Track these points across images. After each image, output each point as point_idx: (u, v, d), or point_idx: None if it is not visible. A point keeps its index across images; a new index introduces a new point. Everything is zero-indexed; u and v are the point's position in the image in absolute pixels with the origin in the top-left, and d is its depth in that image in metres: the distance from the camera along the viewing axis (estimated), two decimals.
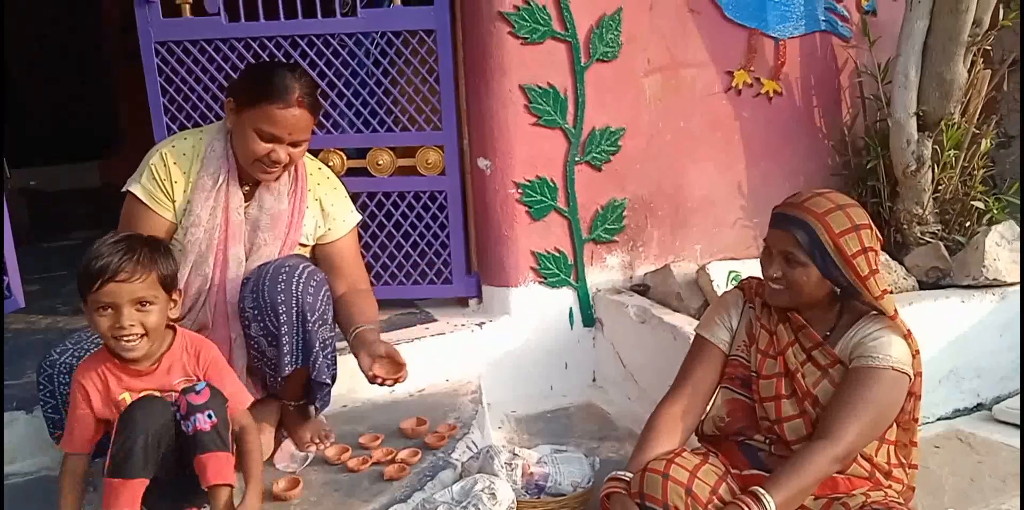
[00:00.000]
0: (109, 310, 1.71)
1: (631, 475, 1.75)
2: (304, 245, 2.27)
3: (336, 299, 2.21)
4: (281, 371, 2.10)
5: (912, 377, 1.81)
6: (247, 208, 2.18)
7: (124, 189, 2.16)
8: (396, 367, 2.02)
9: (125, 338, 1.72)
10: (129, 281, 1.70)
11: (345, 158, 2.91)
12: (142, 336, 1.74)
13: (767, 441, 1.89)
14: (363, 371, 2.02)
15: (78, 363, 1.90)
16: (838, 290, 1.86)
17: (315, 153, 2.50)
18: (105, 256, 1.70)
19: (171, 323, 1.86)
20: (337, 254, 2.29)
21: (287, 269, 2.09)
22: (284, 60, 2.78)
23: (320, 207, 2.26)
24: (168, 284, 1.78)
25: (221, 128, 2.19)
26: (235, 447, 1.83)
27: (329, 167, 2.65)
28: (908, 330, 1.83)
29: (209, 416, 1.72)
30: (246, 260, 2.18)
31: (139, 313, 1.72)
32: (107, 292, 1.69)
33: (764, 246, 1.90)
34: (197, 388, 1.75)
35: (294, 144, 2.09)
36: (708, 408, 1.98)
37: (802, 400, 1.83)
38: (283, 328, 2.06)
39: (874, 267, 1.79)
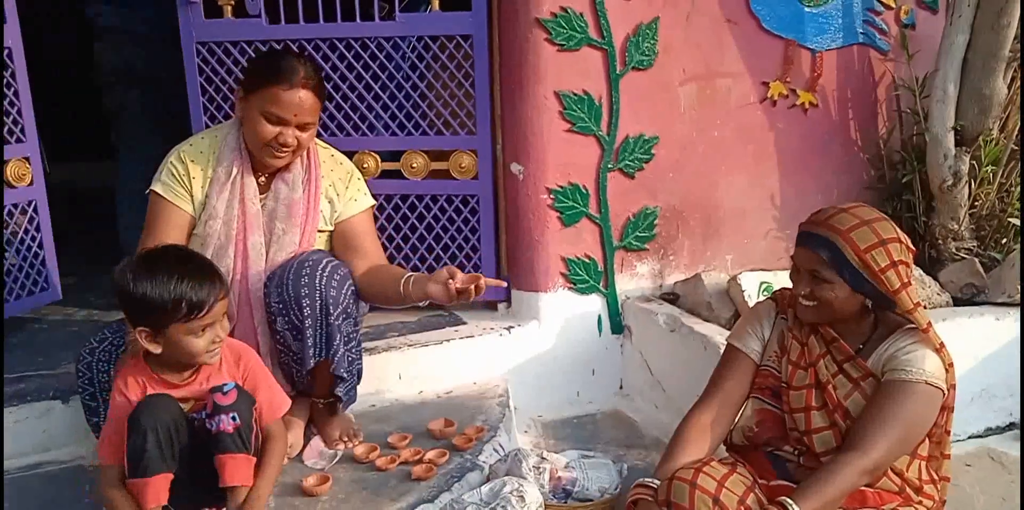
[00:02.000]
0: (206, 330, 1.77)
1: (658, 482, 1.75)
2: (323, 231, 2.32)
3: (361, 276, 2.25)
4: (306, 364, 2.13)
5: (946, 392, 1.80)
6: (263, 199, 2.25)
7: (148, 190, 2.23)
8: (471, 278, 2.03)
9: (217, 349, 1.82)
10: (224, 298, 1.80)
11: (379, 160, 2.94)
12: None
13: (796, 452, 1.88)
14: (440, 297, 2.03)
15: (118, 352, 1.93)
16: (870, 303, 1.85)
17: (350, 155, 2.53)
18: (198, 287, 1.74)
19: None
20: (351, 231, 2.33)
21: (311, 263, 2.13)
22: (322, 62, 2.82)
23: (335, 191, 2.32)
24: None
25: (235, 123, 2.27)
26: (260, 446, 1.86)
27: (363, 170, 2.69)
28: (941, 343, 1.81)
29: (234, 418, 1.75)
30: (267, 251, 2.23)
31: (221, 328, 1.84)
32: (212, 315, 1.76)
33: (792, 264, 1.89)
34: (225, 389, 1.77)
35: (301, 127, 2.16)
36: (737, 418, 1.98)
37: (832, 412, 1.82)
38: (307, 321, 2.09)
39: (905, 280, 1.77)
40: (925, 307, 2.79)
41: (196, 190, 2.21)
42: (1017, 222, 3.00)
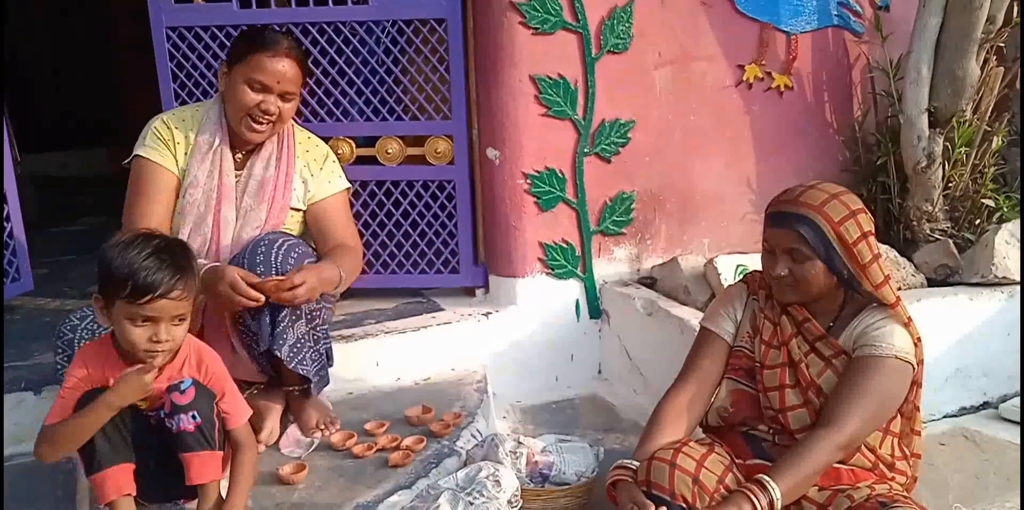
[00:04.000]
0: (147, 323, 1.69)
1: (638, 463, 1.75)
2: (297, 210, 2.33)
3: (325, 257, 2.25)
4: (262, 344, 2.11)
5: (915, 366, 1.82)
6: (239, 175, 2.28)
7: (131, 157, 2.25)
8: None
9: (158, 350, 1.71)
10: (177, 299, 1.69)
11: (354, 146, 2.91)
12: (169, 350, 1.74)
13: (771, 431, 1.89)
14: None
15: (100, 331, 1.90)
16: (841, 281, 1.86)
17: (325, 140, 2.51)
18: (154, 272, 1.66)
19: None
20: (322, 213, 2.34)
21: (266, 242, 2.14)
22: None
23: (309, 172, 2.34)
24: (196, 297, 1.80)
25: (217, 99, 2.30)
26: (228, 453, 1.83)
27: (338, 155, 2.66)
28: (909, 317, 1.84)
29: (193, 417, 1.71)
30: (235, 224, 2.24)
31: (174, 327, 1.72)
32: (153, 308, 1.67)
33: (765, 246, 1.88)
34: (182, 387, 1.73)
35: (283, 96, 2.20)
36: (713, 399, 1.98)
37: (806, 390, 1.84)
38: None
39: (876, 252, 1.80)
40: (899, 288, 2.82)
41: (179, 155, 2.25)
42: (990, 203, 3.02)
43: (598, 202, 2.94)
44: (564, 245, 2.92)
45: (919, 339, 1.83)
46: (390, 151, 2.91)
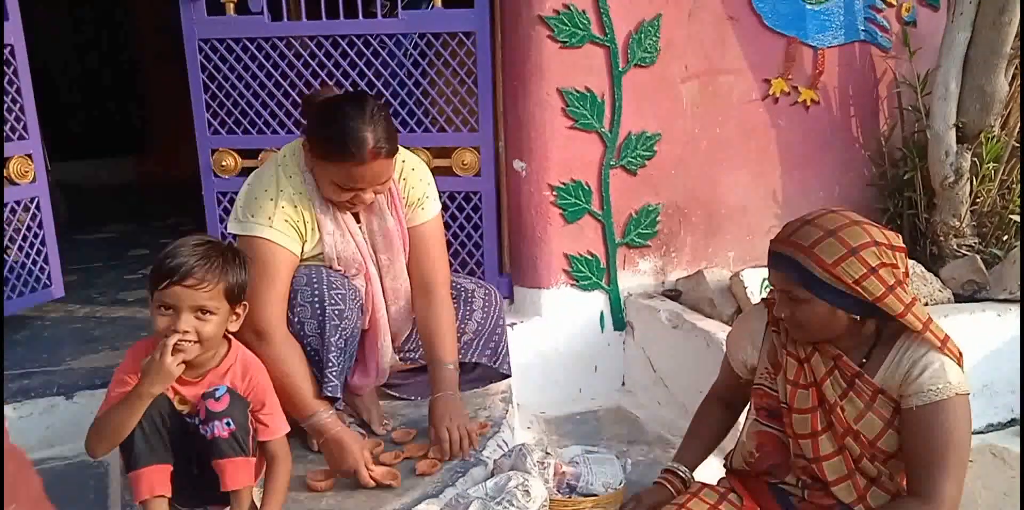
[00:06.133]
0: (170, 311, 1.68)
1: (685, 470, 1.83)
2: None
3: (419, 310, 2.29)
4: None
5: (969, 389, 1.66)
6: (361, 228, 2.20)
7: (243, 233, 2.09)
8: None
9: (184, 342, 1.68)
10: (195, 288, 1.67)
11: None
12: (195, 343, 1.70)
13: (800, 484, 1.77)
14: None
15: None
16: (858, 317, 1.67)
17: None
18: (180, 257, 1.67)
19: (230, 336, 1.83)
20: (417, 240, 2.27)
21: None
22: (324, 60, 2.82)
23: (407, 200, 2.24)
24: (234, 296, 1.75)
25: (303, 162, 2.13)
26: (262, 465, 1.84)
27: None
28: (944, 337, 1.66)
29: (228, 424, 1.71)
30: (381, 280, 2.24)
31: (197, 320, 1.69)
32: (170, 294, 1.66)
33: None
34: (217, 394, 1.73)
35: (377, 187, 2.08)
36: (739, 435, 1.92)
37: (842, 436, 1.68)
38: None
39: (890, 283, 1.61)
40: (917, 301, 2.80)
41: (308, 232, 2.12)
42: (1018, 219, 3.01)
43: (623, 214, 2.95)
44: (589, 257, 2.93)
45: (960, 355, 1.67)
46: None
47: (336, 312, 2.10)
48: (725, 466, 1.94)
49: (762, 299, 1.91)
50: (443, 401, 2.17)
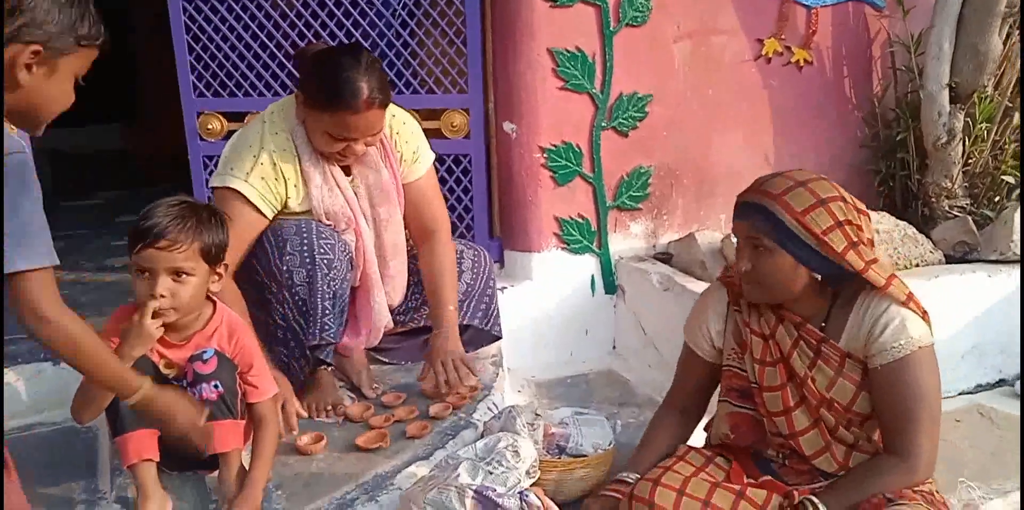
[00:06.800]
0: (146, 274, 1.66)
1: (635, 477, 1.72)
2: None
3: (422, 263, 2.34)
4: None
5: (933, 341, 1.66)
6: (351, 181, 2.20)
7: (219, 185, 2.11)
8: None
9: (159, 307, 1.66)
10: (168, 249, 1.64)
11: None
12: (172, 309, 1.68)
13: (779, 455, 1.77)
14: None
15: None
16: (819, 277, 1.67)
17: None
18: (153, 218, 1.64)
19: (213, 297, 1.81)
20: (417, 194, 2.32)
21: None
22: (319, 29, 2.79)
23: (402, 155, 2.27)
24: (212, 257, 1.72)
25: (293, 114, 2.14)
26: (250, 429, 1.83)
27: None
28: (908, 293, 1.64)
29: (215, 386, 1.71)
30: (378, 236, 2.25)
31: (174, 283, 1.67)
32: (145, 257, 1.64)
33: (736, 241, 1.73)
34: (204, 356, 1.72)
35: (370, 136, 2.09)
36: (711, 418, 1.91)
37: (816, 408, 1.67)
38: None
39: (854, 239, 1.60)
40: (916, 265, 2.80)
41: (290, 188, 2.13)
42: (1010, 180, 3.00)
43: (615, 177, 2.93)
44: (580, 220, 2.92)
45: (925, 312, 1.66)
46: None
47: (326, 261, 2.10)
48: (706, 441, 1.93)
49: (717, 278, 1.89)
50: (442, 338, 2.22)
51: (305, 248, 2.08)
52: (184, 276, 1.68)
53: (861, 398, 1.67)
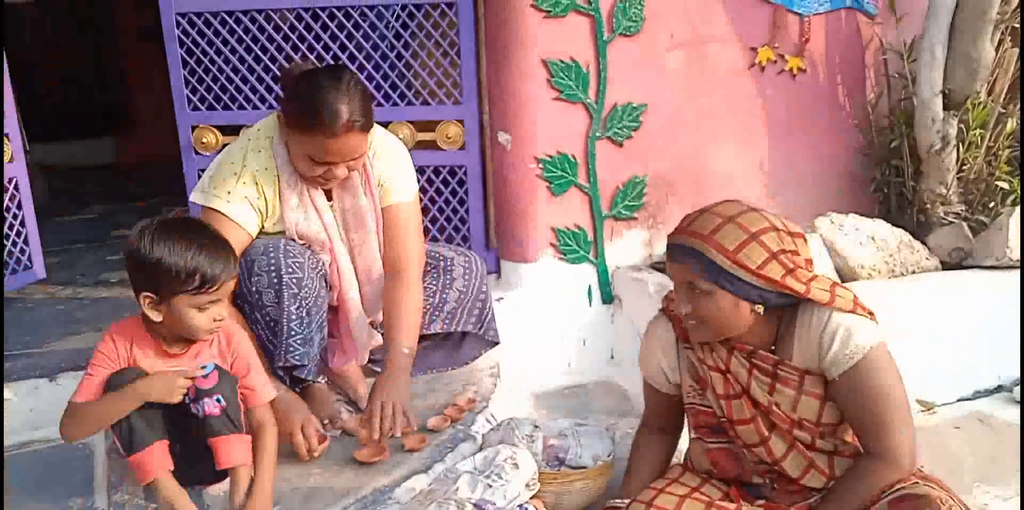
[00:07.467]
0: (211, 305, 1.75)
1: (626, 502, 1.73)
2: None
3: (384, 293, 2.26)
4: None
5: (885, 339, 1.66)
6: (331, 204, 2.19)
7: (203, 204, 2.11)
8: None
9: (218, 327, 1.80)
10: (233, 277, 1.78)
11: None
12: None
13: (767, 480, 1.76)
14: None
15: None
16: (761, 308, 1.65)
17: None
18: (213, 261, 1.73)
19: None
20: (385, 223, 2.25)
21: None
22: (304, 33, 2.77)
23: (380, 179, 2.23)
24: None
25: (277, 135, 2.13)
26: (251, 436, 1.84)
27: None
28: (853, 298, 1.65)
29: (218, 400, 1.73)
30: (352, 260, 2.23)
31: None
32: (222, 291, 1.75)
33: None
34: (205, 372, 1.75)
35: (351, 161, 2.06)
36: (684, 460, 1.91)
37: (789, 431, 1.67)
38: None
39: (790, 266, 1.60)
40: (912, 272, 2.79)
41: (269, 208, 2.12)
42: (1005, 185, 3.00)
43: (610, 186, 2.92)
44: (576, 230, 2.91)
45: (871, 312, 1.67)
46: (400, 136, 2.89)
47: (294, 280, 2.07)
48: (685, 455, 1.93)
49: (660, 309, 1.87)
50: (389, 380, 2.11)
51: (272, 268, 2.06)
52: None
53: (827, 409, 1.69)
